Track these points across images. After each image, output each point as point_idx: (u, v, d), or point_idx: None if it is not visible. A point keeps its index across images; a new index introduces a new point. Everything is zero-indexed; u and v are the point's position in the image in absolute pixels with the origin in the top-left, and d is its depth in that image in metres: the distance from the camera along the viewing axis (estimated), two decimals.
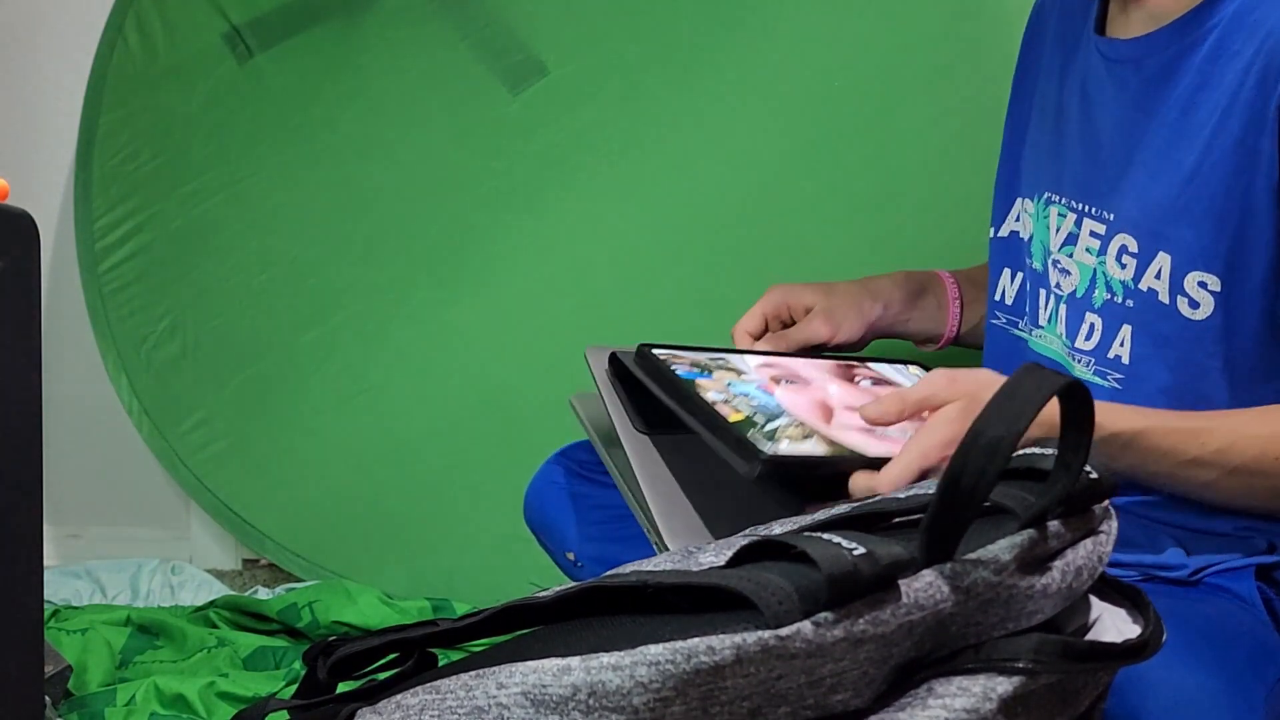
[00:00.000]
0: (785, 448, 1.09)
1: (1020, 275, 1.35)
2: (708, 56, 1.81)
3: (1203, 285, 1.14)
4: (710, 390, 1.17)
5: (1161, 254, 1.16)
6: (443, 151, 1.89)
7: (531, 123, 1.85)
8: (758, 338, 1.39)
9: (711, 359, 1.24)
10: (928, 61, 1.74)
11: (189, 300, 1.95)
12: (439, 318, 1.90)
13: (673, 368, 1.19)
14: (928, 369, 1.34)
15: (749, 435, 1.09)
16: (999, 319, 1.37)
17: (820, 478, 1.11)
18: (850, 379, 1.28)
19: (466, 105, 1.87)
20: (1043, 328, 1.30)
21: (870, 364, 1.34)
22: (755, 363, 1.27)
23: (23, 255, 0.78)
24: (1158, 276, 1.17)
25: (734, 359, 1.26)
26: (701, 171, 1.83)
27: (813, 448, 1.10)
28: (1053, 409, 0.79)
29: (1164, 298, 1.16)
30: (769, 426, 1.12)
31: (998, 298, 1.37)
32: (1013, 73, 1.41)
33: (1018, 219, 1.35)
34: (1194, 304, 1.15)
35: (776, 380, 1.23)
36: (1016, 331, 1.35)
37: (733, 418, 1.12)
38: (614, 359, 1.24)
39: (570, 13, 1.84)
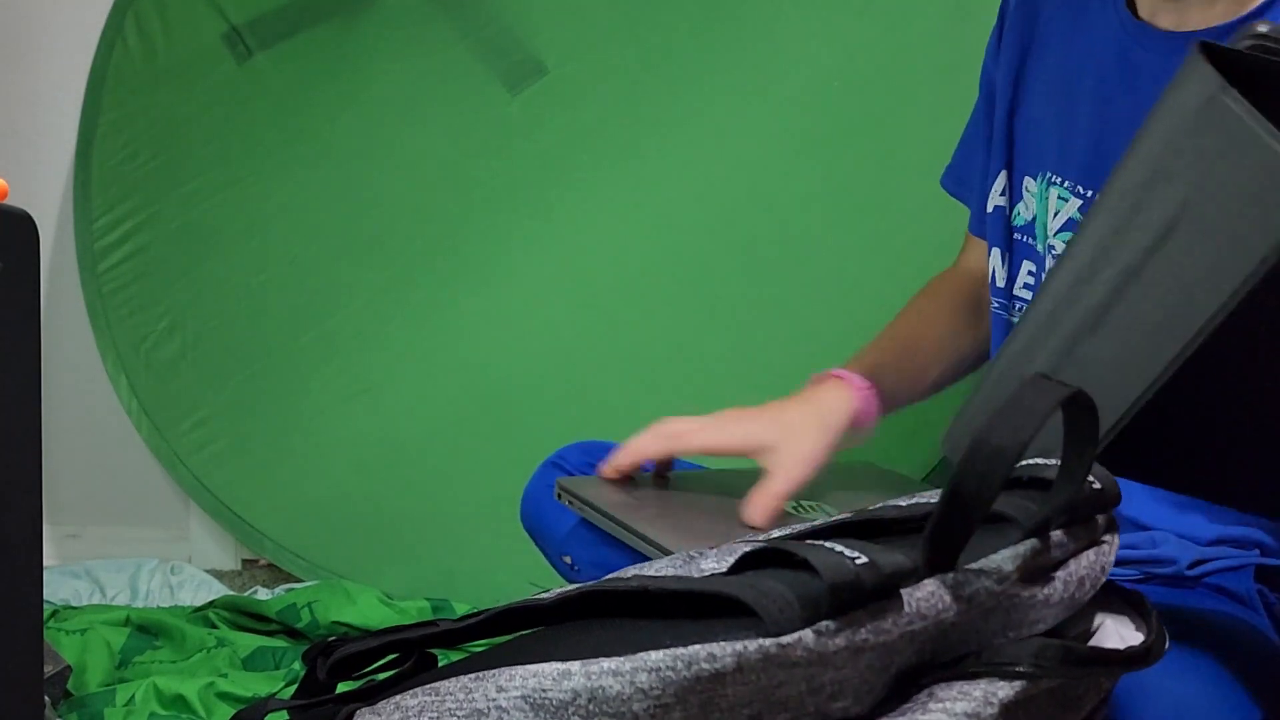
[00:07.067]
0: None
1: (1008, 256, 1.30)
2: (708, 57, 1.81)
3: None
4: None
5: None
6: (443, 151, 1.89)
7: (531, 123, 1.85)
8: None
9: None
10: (928, 61, 1.74)
11: (188, 300, 1.95)
12: (439, 318, 1.90)
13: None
14: None
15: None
16: (995, 304, 1.32)
17: None
18: None
19: (466, 105, 1.87)
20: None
21: None
22: None
23: (22, 255, 0.78)
24: None
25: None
26: (701, 171, 1.83)
27: None
28: None
29: None
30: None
31: (990, 279, 1.32)
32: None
33: (1002, 193, 1.30)
34: None
35: None
36: (1009, 317, 1.31)
37: None
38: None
39: (570, 13, 1.84)
